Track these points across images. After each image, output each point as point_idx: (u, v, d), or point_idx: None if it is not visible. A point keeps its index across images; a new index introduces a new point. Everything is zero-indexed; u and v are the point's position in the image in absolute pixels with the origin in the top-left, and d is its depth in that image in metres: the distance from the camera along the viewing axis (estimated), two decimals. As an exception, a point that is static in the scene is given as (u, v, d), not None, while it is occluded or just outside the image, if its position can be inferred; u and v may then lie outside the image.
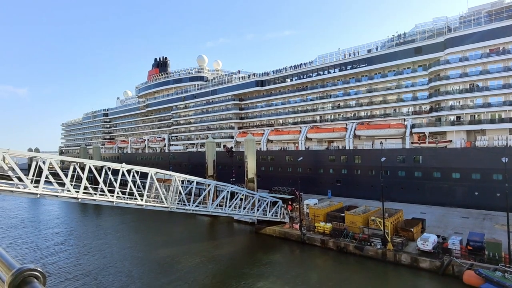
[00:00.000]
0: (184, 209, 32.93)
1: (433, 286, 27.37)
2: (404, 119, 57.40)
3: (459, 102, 51.07)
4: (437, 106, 53.42)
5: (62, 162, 26.37)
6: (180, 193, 32.25)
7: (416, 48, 55.52)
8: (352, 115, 64.93)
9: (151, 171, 29.81)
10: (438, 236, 32.78)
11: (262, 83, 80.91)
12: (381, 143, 57.92)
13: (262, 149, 73.96)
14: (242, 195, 39.42)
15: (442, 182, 49.01)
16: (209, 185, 36.81)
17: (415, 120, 56.17)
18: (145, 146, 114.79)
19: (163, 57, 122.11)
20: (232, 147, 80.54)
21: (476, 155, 46.32)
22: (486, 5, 49.26)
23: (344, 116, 66.31)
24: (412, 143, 54.52)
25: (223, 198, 37.01)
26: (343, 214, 39.69)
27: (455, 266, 28.03)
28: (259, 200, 41.11)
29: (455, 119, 51.29)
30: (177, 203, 32.28)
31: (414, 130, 54.81)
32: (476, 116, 49.41)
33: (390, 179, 51.81)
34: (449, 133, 51.44)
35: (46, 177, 23.93)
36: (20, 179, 23.13)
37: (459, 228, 37.01)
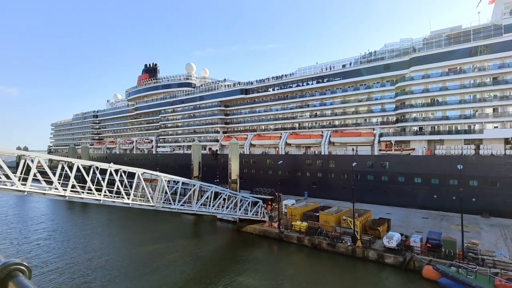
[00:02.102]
0: (169, 208, 32.27)
1: (396, 280, 28.07)
2: (373, 129, 59.03)
3: (422, 114, 53.10)
4: (402, 117, 55.27)
5: (50, 161, 25.29)
6: (166, 192, 31.61)
7: (385, 65, 57.48)
8: (328, 124, 66.12)
9: (138, 171, 29.07)
10: (402, 235, 33.67)
11: (246, 91, 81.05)
12: (353, 149, 59.33)
13: (245, 153, 73.82)
14: (226, 195, 39.11)
15: (406, 186, 50.58)
16: (194, 185, 36.30)
17: (383, 130, 57.84)
18: (133, 147, 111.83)
19: (153, 63, 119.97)
20: (217, 150, 80.00)
21: (436, 162, 48.20)
22: (446, 30, 51.72)
23: (320, 124, 67.41)
24: (380, 150, 56.05)
25: (207, 198, 36.60)
26: (317, 214, 40.13)
27: (416, 261, 28.91)
28: (241, 200, 40.94)
29: (418, 129, 53.22)
30: (163, 202, 31.60)
31: (382, 139, 56.43)
32: (436, 127, 51.50)
33: (360, 182, 52.94)
34: (412, 142, 53.27)
35: (34, 175, 22.85)
36: (7, 177, 21.95)
37: (419, 228, 38.20)
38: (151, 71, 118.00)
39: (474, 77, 48.42)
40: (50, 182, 23.96)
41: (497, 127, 46.64)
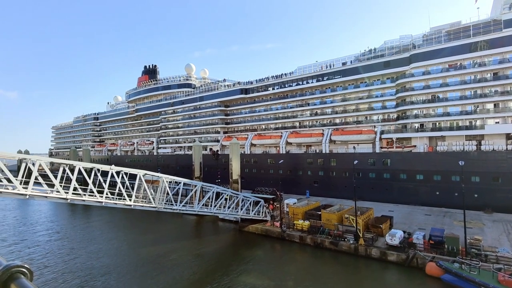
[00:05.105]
0: (171, 208, 32.32)
1: (399, 277, 28.06)
2: (374, 126, 58.98)
3: (422, 111, 53.03)
4: (403, 114, 55.23)
5: (52, 164, 25.35)
6: (167, 193, 31.66)
7: (385, 62, 57.37)
8: (328, 122, 66.08)
9: (139, 172, 29.13)
10: (404, 232, 33.66)
11: (246, 91, 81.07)
12: (354, 147, 59.25)
13: (246, 152, 73.87)
14: (227, 195, 39.14)
15: (408, 183, 50.55)
16: (195, 186, 36.34)
17: (384, 127, 57.81)
18: (134, 149, 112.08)
19: (152, 64, 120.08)
20: (217, 150, 79.97)
21: (437, 159, 48.13)
22: (445, 26, 51.62)
23: (321, 122, 67.39)
24: (381, 147, 56.02)
25: (208, 198, 36.61)
26: (319, 213, 40.15)
27: (419, 259, 28.89)
28: (242, 200, 40.96)
29: (419, 126, 53.18)
30: (165, 203, 31.64)
31: (383, 136, 56.38)
32: (437, 124, 51.41)
33: (362, 180, 52.92)
34: (413, 139, 53.23)
35: (36, 178, 22.90)
36: (9, 180, 22.02)
37: (422, 224, 38.21)
38: (150, 72, 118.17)
39: (474, 72, 48.33)
40: (51, 185, 24.04)
41: (498, 122, 46.54)
